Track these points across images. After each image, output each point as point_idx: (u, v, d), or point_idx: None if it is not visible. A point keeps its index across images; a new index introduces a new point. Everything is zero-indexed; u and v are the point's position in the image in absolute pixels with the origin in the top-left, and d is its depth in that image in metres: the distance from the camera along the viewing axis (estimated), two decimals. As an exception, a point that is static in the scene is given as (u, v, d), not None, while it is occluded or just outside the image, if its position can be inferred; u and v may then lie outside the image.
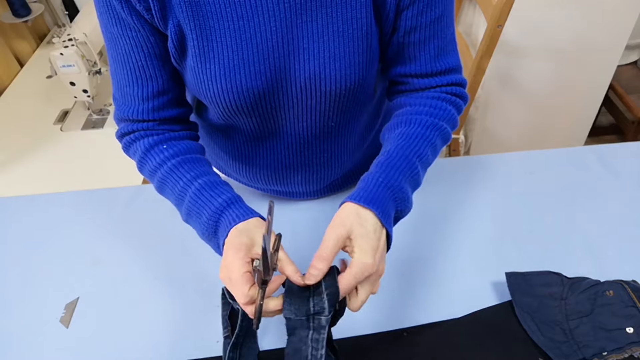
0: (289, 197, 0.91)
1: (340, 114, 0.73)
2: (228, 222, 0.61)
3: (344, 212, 0.58)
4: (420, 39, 0.67)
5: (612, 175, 0.93)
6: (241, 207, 0.62)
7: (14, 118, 1.44)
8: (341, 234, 0.56)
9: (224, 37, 0.62)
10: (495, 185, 0.92)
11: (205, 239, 0.65)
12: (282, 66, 0.65)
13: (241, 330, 0.69)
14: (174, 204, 0.69)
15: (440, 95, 0.71)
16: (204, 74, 0.65)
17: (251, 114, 0.70)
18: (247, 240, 0.58)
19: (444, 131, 0.69)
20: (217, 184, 0.66)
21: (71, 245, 0.86)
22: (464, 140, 1.75)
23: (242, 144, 0.80)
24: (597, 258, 0.79)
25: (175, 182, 0.67)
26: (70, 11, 1.52)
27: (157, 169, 0.68)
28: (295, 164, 0.81)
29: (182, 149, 0.70)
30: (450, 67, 0.70)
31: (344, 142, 0.80)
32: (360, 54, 0.65)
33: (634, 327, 0.65)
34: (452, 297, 0.75)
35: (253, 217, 0.61)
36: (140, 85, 0.68)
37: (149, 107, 0.69)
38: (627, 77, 2.54)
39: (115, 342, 0.72)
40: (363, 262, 0.55)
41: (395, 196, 0.61)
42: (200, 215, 0.63)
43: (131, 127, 0.71)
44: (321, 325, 0.55)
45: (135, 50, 0.65)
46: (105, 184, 1.14)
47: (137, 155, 0.71)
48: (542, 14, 1.53)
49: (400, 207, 0.62)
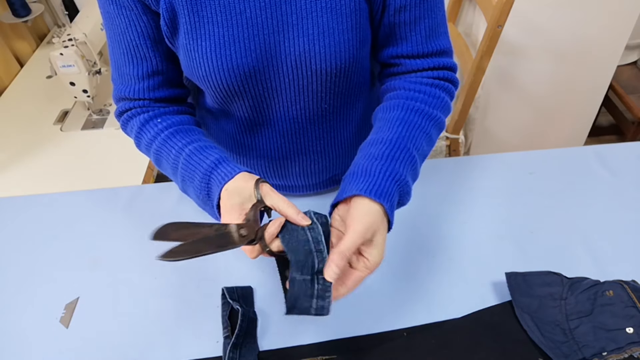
0: (288, 192, 0.91)
1: (333, 96, 0.73)
2: (217, 182, 0.62)
3: (371, 213, 0.58)
4: (410, 18, 0.68)
5: (612, 175, 0.93)
6: (228, 165, 0.64)
7: (14, 118, 1.43)
8: (367, 237, 0.57)
9: (215, 14, 0.63)
10: (495, 185, 0.92)
11: (202, 203, 0.66)
12: (272, 43, 0.65)
13: (241, 330, 0.69)
14: (171, 176, 0.71)
15: (433, 82, 0.71)
16: (196, 51, 0.66)
17: (243, 95, 0.71)
18: (238, 199, 0.60)
19: (439, 120, 0.70)
20: (207, 147, 0.67)
21: (71, 245, 0.86)
22: (464, 140, 1.75)
23: (238, 133, 0.80)
24: (597, 258, 0.79)
25: (168, 151, 0.69)
26: (70, 11, 1.52)
27: (152, 142, 0.70)
28: (291, 153, 0.81)
29: (176, 121, 0.72)
30: (442, 49, 0.71)
31: (340, 128, 0.80)
32: (349, 31, 0.65)
33: (634, 327, 0.65)
34: (452, 297, 0.75)
35: (240, 172, 0.62)
36: (135, 65, 0.70)
37: (145, 86, 0.71)
38: (627, 77, 2.54)
39: (115, 342, 0.72)
40: (377, 262, 0.58)
41: (401, 190, 0.62)
42: (192, 179, 0.65)
43: (128, 105, 0.73)
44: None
45: (129, 30, 0.67)
46: (105, 184, 1.14)
47: (133, 131, 0.73)
48: (542, 14, 1.53)
49: (403, 199, 0.64)
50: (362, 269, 0.58)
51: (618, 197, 0.89)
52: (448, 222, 0.86)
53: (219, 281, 0.77)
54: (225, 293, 0.74)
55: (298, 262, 0.56)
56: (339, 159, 0.85)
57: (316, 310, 0.56)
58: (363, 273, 0.58)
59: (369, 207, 0.58)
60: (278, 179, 0.87)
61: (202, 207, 0.67)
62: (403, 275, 0.78)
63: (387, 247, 0.81)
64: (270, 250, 0.58)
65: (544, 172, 0.94)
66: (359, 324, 0.72)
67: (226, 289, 0.74)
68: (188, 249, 0.53)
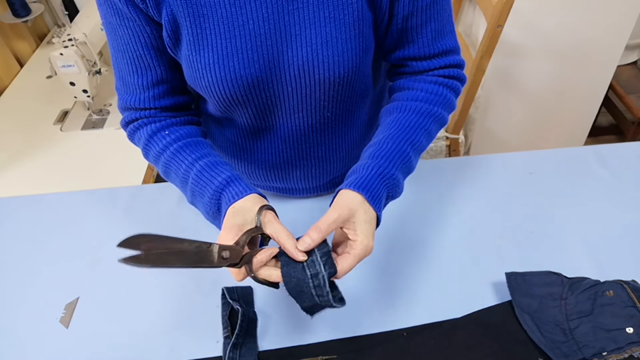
0: (289, 195, 0.91)
1: (336, 104, 0.73)
2: (227, 199, 0.63)
3: (348, 197, 0.60)
4: (418, 23, 0.68)
5: (612, 175, 0.93)
6: (240, 185, 0.64)
7: (14, 118, 1.43)
8: (344, 215, 0.59)
9: (217, 25, 0.63)
10: (495, 185, 0.92)
11: (210, 218, 0.67)
12: (275, 53, 0.65)
13: (241, 330, 0.69)
14: (179, 188, 0.71)
15: (437, 80, 0.72)
16: (198, 62, 0.66)
17: (246, 104, 0.71)
18: (241, 219, 0.60)
19: (439, 116, 0.71)
20: (218, 163, 0.68)
21: (71, 245, 0.86)
22: (464, 140, 1.75)
23: (240, 139, 0.80)
24: (597, 258, 0.79)
25: (178, 165, 0.69)
26: (70, 11, 1.52)
27: (161, 154, 0.71)
28: (293, 159, 0.81)
29: (184, 134, 0.72)
30: (448, 48, 0.71)
31: (342, 135, 0.80)
32: (352, 40, 0.65)
33: (634, 327, 0.65)
34: (452, 297, 0.75)
35: (250, 194, 0.62)
36: (140, 75, 0.70)
37: (150, 96, 0.71)
38: (627, 77, 2.54)
39: (115, 342, 0.72)
40: (366, 245, 0.58)
41: (387, 183, 0.64)
42: (203, 195, 0.66)
43: (134, 115, 0.73)
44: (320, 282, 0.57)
45: (133, 40, 0.67)
46: (105, 184, 1.14)
47: (141, 142, 0.73)
48: (542, 14, 1.53)
49: (392, 192, 0.65)
50: (351, 253, 0.58)
51: (618, 197, 0.89)
52: (448, 222, 0.86)
53: (219, 281, 0.77)
54: (225, 293, 0.74)
55: (297, 297, 0.58)
56: (340, 163, 0.85)
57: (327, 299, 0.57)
58: (353, 257, 0.58)
59: (346, 195, 0.61)
60: (279, 182, 0.87)
61: (211, 222, 0.67)
62: (403, 275, 0.78)
63: (386, 246, 0.82)
64: (255, 277, 0.59)
65: (544, 172, 0.94)
66: (359, 324, 0.72)
67: (226, 289, 0.74)
68: (152, 259, 0.53)
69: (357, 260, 0.58)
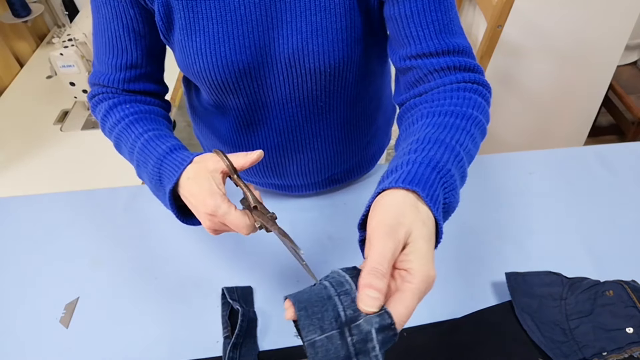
0: (288, 192, 0.91)
1: (329, 95, 0.73)
2: (173, 165, 0.61)
3: (396, 203, 0.44)
4: (413, 10, 0.61)
5: (612, 175, 0.93)
6: (186, 150, 0.64)
7: (14, 118, 1.43)
8: (399, 238, 0.42)
9: (209, 10, 0.64)
10: (495, 185, 0.92)
11: (154, 188, 0.65)
12: (266, 40, 0.66)
13: (241, 330, 0.69)
14: (128, 160, 0.71)
15: (459, 86, 0.61)
16: (190, 47, 0.66)
17: (239, 92, 0.71)
18: (207, 183, 0.57)
19: (478, 121, 0.57)
20: (166, 135, 0.68)
21: (71, 245, 0.86)
22: (464, 140, 1.75)
23: (235, 131, 0.81)
24: (597, 258, 0.79)
25: (128, 136, 0.69)
26: (70, 11, 1.52)
27: (115, 126, 0.71)
28: (288, 151, 0.81)
29: (143, 110, 0.72)
30: (458, 48, 0.63)
31: (338, 126, 0.80)
32: (343, 30, 0.65)
33: (634, 327, 0.65)
34: (452, 297, 0.75)
35: (194, 158, 0.61)
36: (115, 55, 0.71)
37: (121, 77, 0.72)
38: (627, 77, 2.54)
39: (115, 342, 0.72)
40: (428, 275, 0.41)
41: (443, 178, 0.48)
42: (146, 164, 0.65)
43: (101, 90, 0.74)
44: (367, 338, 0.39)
45: (115, 20, 0.68)
46: (105, 184, 1.14)
47: (100, 114, 0.73)
48: (542, 14, 1.53)
49: (448, 197, 0.48)
50: (407, 287, 0.41)
51: (618, 197, 0.89)
52: (448, 222, 0.85)
53: (219, 281, 0.77)
54: (225, 293, 0.74)
55: (312, 316, 0.40)
56: (337, 157, 0.85)
57: None
58: (412, 295, 0.41)
59: (391, 198, 0.45)
60: (277, 178, 0.87)
61: (155, 193, 0.66)
62: (403, 275, 0.78)
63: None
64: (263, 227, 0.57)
65: (544, 172, 0.94)
66: (359, 324, 0.71)
67: (226, 289, 0.74)
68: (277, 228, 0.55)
69: (418, 300, 0.41)
